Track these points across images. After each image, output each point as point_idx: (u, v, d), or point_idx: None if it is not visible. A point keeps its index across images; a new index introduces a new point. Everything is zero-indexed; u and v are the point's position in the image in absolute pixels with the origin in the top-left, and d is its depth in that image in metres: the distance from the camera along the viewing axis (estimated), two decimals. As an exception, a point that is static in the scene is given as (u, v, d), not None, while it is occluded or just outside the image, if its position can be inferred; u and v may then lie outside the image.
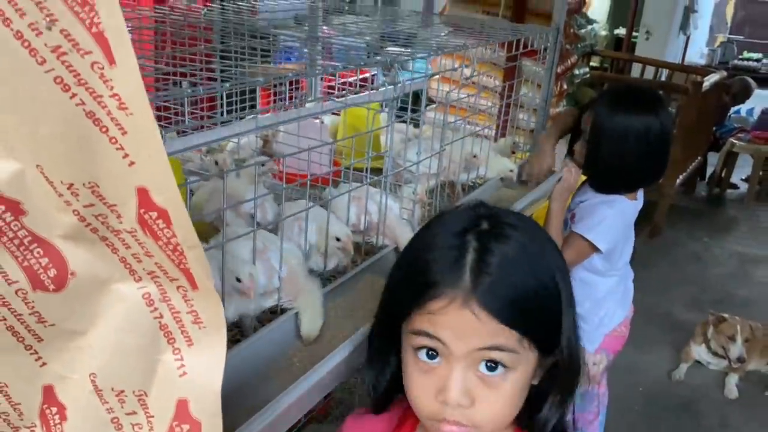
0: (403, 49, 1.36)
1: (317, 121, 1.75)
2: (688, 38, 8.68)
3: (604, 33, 9.73)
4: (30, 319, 0.55)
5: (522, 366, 0.75)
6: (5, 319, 0.54)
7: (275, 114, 1.79)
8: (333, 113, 1.91)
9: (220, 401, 0.53)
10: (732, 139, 5.85)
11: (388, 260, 1.18)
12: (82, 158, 0.47)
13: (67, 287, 0.54)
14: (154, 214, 0.49)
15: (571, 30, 3.83)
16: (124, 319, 0.55)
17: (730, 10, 12.62)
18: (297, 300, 0.93)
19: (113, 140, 0.46)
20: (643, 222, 4.73)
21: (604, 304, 1.85)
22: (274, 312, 0.97)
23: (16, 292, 0.53)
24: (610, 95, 1.77)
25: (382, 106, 1.92)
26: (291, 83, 2.38)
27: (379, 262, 1.16)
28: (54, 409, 0.57)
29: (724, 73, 5.79)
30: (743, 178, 6.09)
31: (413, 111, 1.28)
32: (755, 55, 9.78)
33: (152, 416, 0.55)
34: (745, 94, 6.16)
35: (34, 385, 0.57)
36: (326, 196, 1.18)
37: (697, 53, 9.61)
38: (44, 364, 0.56)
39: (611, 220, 1.72)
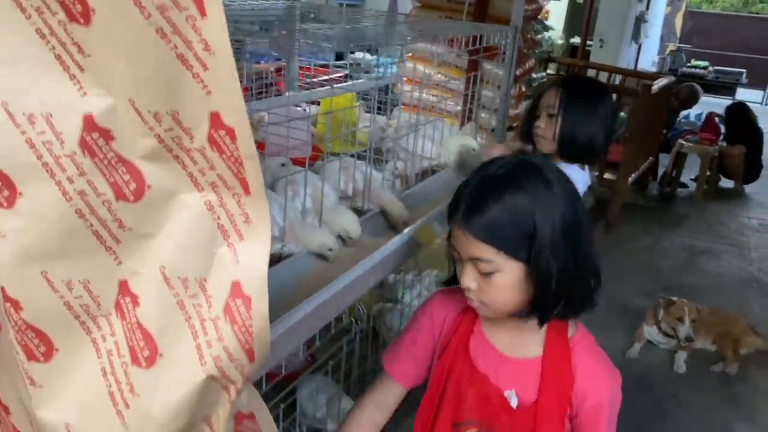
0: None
1: (300, 108, 1.91)
2: (639, 47, 9.09)
3: (560, 42, 10.10)
4: (112, 225, 0.70)
5: (505, 271, 1.02)
6: (92, 225, 0.70)
7: (263, 100, 1.94)
8: (313, 103, 2.07)
9: (266, 281, 0.69)
10: (681, 141, 6.19)
11: (375, 222, 1.34)
12: (168, 91, 0.63)
13: (144, 198, 0.69)
14: (223, 133, 0.65)
15: (529, 35, 4.06)
16: (188, 223, 0.70)
17: (679, 21, 13.17)
18: (300, 242, 1.10)
19: (196, 75, 0.62)
20: (599, 217, 5.00)
21: None
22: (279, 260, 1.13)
23: (102, 203, 0.69)
24: (575, 79, 1.98)
25: (359, 96, 2.10)
26: (266, 83, 2.55)
27: (366, 225, 1.32)
28: (128, 299, 0.72)
29: (673, 78, 6.13)
30: (692, 177, 6.42)
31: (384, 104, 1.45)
32: (702, 63, 10.26)
33: (210, 297, 0.70)
34: (692, 99, 6.53)
35: (111, 280, 0.72)
36: (318, 164, 1.34)
37: (649, 61, 10.03)
38: (120, 263, 0.71)
39: (581, 184, 1.90)
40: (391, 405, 1.24)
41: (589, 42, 7.98)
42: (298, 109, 1.90)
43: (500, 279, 1.02)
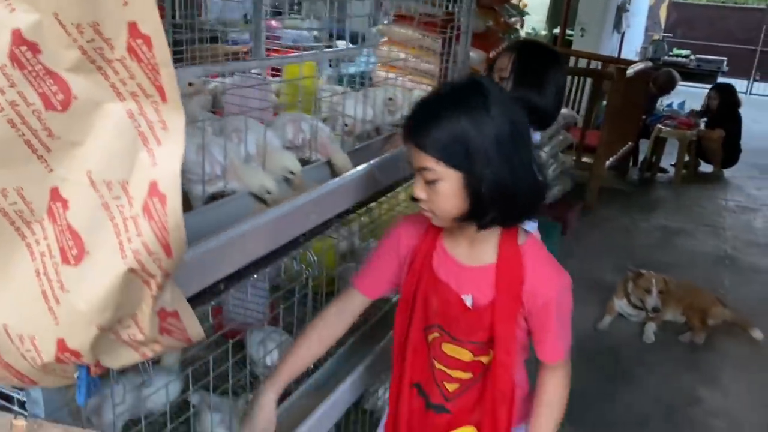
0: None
1: (260, 75, 1.97)
2: (622, 37, 9.18)
3: (544, 33, 10.20)
4: (42, 134, 0.76)
5: (446, 180, 1.13)
6: (24, 135, 0.76)
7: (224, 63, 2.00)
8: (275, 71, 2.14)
9: (180, 180, 0.75)
10: (659, 126, 6.28)
11: (320, 171, 1.41)
12: (88, 3, 0.69)
13: (70, 108, 0.75)
14: (140, 41, 0.71)
15: (502, 18, 4.14)
16: (112, 131, 0.76)
17: (664, 12, 13.29)
18: (242, 180, 1.17)
19: (112, -13, 0.69)
20: (577, 199, 5.08)
21: None
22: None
23: (32, 112, 0.75)
24: (528, 44, 2.04)
25: (319, 66, 2.16)
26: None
27: (311, 172, 1.39)
28: (59, 204, 0.78)
29: (650, 64, 6.23)
30: (672, 163, 6.51)
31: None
32: (684, 52, 10.36)
33: (132, 197, 0.76)
34: (670, 84, 6.61)
35: (43, 187, 0.78)
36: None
37: (633, 51, 10.12)
38: (51, 170, 0.77)
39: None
40: (353, 314, 1.38)
41: (569, 31, 8.07)
42: (259, 76, 1.96)
43: (443, 187, 1.14)
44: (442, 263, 1.29)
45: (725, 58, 10.44)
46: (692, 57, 10.18)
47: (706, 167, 6.75)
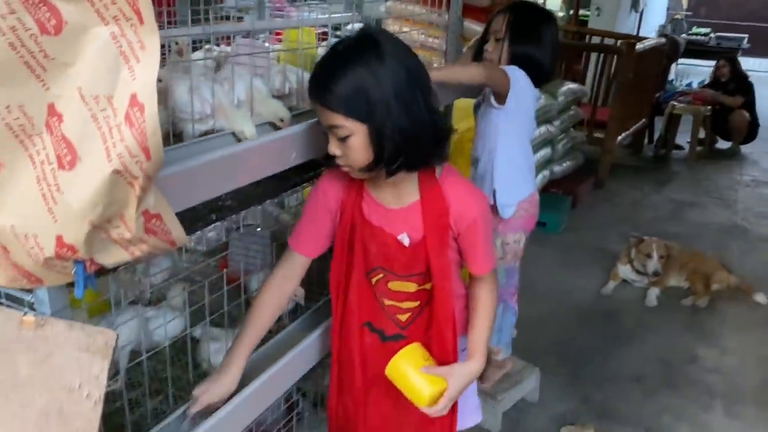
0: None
1: (266, 44, 2.08)
2: (641, 16, 9.12)
3: (561, 14, 10.15)
4: (39, 56, 0.88)
5: (355, 134, 1.21)
6: (23, 57, 0.88)
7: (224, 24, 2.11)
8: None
9: (155, 91, 0.87)
10: (673, 102, 6.28)
11: (306, 117, 1.51)
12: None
13: (63, 33, 0.87)
14: (115, -32, 0.83)
15: (508, -6, 4.20)
16: (98, 52, 0.87)
17: (685, -8, 13.12)
18: (228, 120, 1.28)
19: None
20: (589, 174, 5.12)
21: (514, 175, 2.15)
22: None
23: (30, 36, 0.87)
24: (521, 5, 2.12)
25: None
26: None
27: (300, 117, 1.49)
28: (55, 118, 0.90)
29: (662, 40, 6.21)
30: (688, 140, 6.50)
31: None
32: (703, 30, 10.24)
33: (116, 108, 0.87)
34: (675, 50, 6.59)
35: (42, 103, 0.90)
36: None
37: (652, 30, 10.04)
38: (48, 88, 0.89)
39: (518, 70, 2.04)
40: (298, 275, 1.46)
41: (585, 12, 8.06)
42: (266, 44, 2.07)
43: (353, 141, 1.22)
44: (372, 210, 1.37)
45: (746, 35, 10.29)
46: (712, 35, 10.07)
47: (723, 144, 6.73)
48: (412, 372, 1.33)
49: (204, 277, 1.66)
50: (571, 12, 9.41)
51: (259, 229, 1.98)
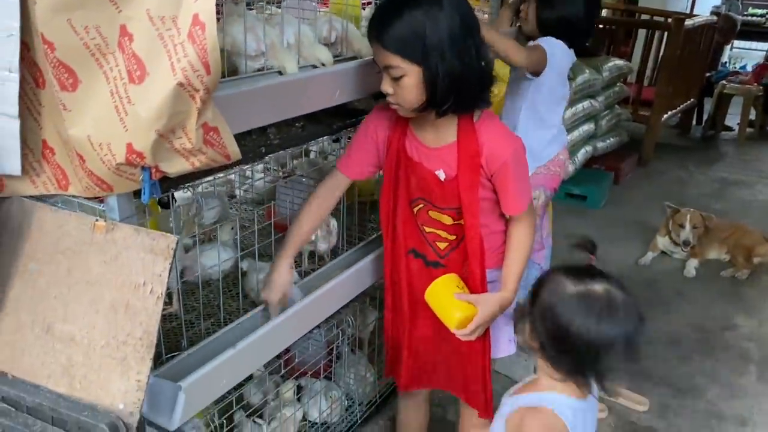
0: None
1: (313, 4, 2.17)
2: (695, -6, 8.91)
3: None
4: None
5: (409, 75, 1.31)
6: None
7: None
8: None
9: (214, 13, 0.97)
10: (723, 82, 6.16)
11: (348, 67, 1.60)
12: None
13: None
14: None
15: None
16: None
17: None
18: (277, 59, 1.38)
19: None
20: (633, 152, 5.10)
21: (539, 140, 2.21)
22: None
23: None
24: None
25: None
26: None
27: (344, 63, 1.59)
28: (126, 38, 1.01)
29: (713, 18, 6.09)
30: (738, 122, 6.38)
31: None
32: (760, 11, 9.95)
33: (180, 28, 0.98)
34: (731, 28, 6.45)
35: (115, 24, 1.01)
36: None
37: (706, 11, 9.80)
38: (120, 10, 1.00)
39: (556, 45, 2.10)
40: (339, 191, 1.62)
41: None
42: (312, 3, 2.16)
43: (406, 81, 1.32)
44: (414, 147, 1.49)
45: (804, 17, 9.97)
46: (768, 16, 9.79)
47: (776, 126, 6.59)
48: (445, 297, 1.43)
49: (252, 223, 1.80)
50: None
51: (303, 178, 2.09)
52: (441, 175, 1.45)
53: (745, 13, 9.78)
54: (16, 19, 1.06)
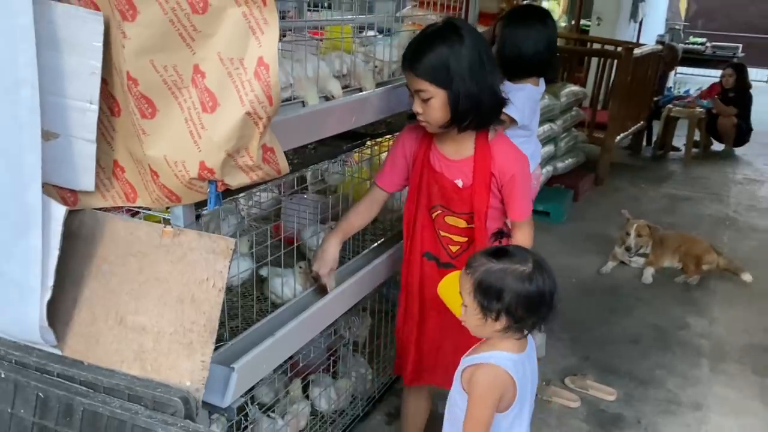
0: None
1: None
2: (640, 26, 9.50)
3: (563, 24, 10.53)
4: (189, 29, 1.21)
5: (436, 97, 1.62)
6: (179, 30, 1.21)
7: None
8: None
9: (276, 56, 1.19)
10: (669, 106, 6.63)
11: (361, 97, 1.85)
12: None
13: (207, 12, 1.20)
14: (251, -34, 1.17)
15: (515, 1, 4.56)
16: (233, 25, 1.19)
17: (684, 4, 13.52)
18: (302, 90, 1.62)
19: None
20: (590, 171, 5.46)
21: None
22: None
23: (184, 15, 1.20)
24: (514, 11, 2.46)
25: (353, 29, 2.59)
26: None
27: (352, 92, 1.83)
28: (199, 75, 1.23)
29: (659, 47, 6.57)
30: (685, 143, 6.83)
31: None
32: (700, 40, 10.64)
33: (246, 68, 1.20)
34: (674, 58, 6.97)
35: (189, 64, 1.23)
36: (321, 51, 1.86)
37: (651, 40, 10.41)
38: (194, 52, 1.22)
39: (522, 100, 2.38)
40: (379, 204, 1.92)
41: (586, 21, 8.44)
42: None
43: (433, 102, 1.62)
44: (437, 159, 1.78)
45: (740, 45, 10.69)
46: (708, 44, 10.46)
47: (718, 146, 7.07)
48: (455, 289, 1.66)
49: (263, 236, 2.03)
50: (573, 21, 9.82)
51: (307, 193, 2.32)
52: (459, 183, 1.73)
53: (687, 41, 10.45)
54: (98, 60, 1.28)
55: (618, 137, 5.73)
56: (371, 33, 2.88)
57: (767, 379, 2.84)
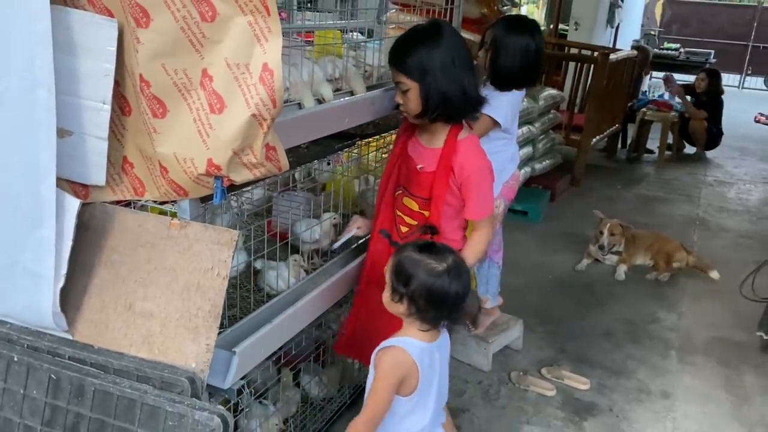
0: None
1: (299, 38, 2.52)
2: (616, 31, 9.72)
3: (543, 28, 10.73)
4: (199, 36, 1.31)
5: (412, 89, 1.80)
6: (189, 37, 1.31)
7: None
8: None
9: (280, 61, 1.30)
10: (644, 110, 6.82)
11: (353, 100, 1.95)
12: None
13: (216, 20, 1.30)
14: (256, -22, 1.27)
15: (496, 7, 4.69)
16: (239, 33, 1.30)
17: (659, 10, 13.82)
18: (299, 94, 1.73)
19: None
20: (566, 173, 5.62)
21: (500, 161, 2.60)
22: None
23: (194, 23, 1.30)
24: (506, 20, 2.58)
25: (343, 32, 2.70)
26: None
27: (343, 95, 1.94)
28: (207, 79, 1.33)
29: (634, 52, 6.76)
30: (659, 146, 7.03)
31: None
32: (674, 45, 10.90)
33: (251, 72, 1.30)
34: (645, 59, 7.20)
35: (198, 68, 1.33)
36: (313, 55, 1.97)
37: (627, 45, 10.65)
38: (203, 57, 1.32)
39: (505, 104, 2.51)
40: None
41: (563, 26, 8.63)
42: (298, 38, 2.51)
43: (410, 94, 1.82)
44: (413, 145, 1.97)
45: (712, 51, 10.97)
46: (681, 50, 10.72)
47: (690, 149, 7.28)
48: None
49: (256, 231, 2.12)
50: (551, 26, 10.02)
51: (295, 192, 2.42)
52: (419, 166, 1.89)
53: (661, 47, 10.70)
54: (112, 63, 1.38)
55: (594, 140, 5.90)
56: (356, 35, 2.99)
57: (732, 370, 2.99)
